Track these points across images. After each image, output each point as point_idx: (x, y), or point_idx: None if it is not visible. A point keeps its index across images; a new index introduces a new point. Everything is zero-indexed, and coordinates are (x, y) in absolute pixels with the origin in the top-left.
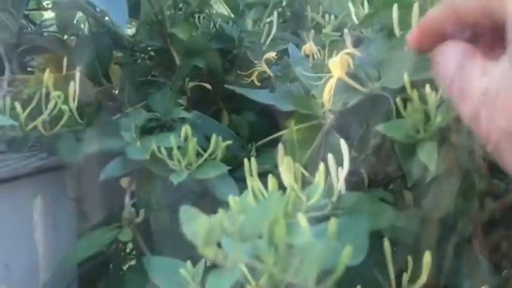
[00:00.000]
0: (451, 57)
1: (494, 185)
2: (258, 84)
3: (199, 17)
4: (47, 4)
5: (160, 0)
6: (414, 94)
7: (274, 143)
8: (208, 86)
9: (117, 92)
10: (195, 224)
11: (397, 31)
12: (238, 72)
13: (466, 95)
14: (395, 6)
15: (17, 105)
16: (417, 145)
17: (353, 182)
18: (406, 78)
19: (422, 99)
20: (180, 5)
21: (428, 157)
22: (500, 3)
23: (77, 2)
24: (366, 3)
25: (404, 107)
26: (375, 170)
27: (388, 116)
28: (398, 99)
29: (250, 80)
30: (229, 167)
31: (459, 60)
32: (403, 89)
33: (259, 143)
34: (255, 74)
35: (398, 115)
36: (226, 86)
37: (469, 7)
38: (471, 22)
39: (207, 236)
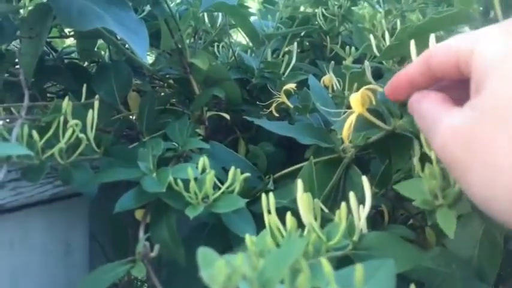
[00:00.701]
0: (425, 103)
1: None
2: (277, 115)
3: (218, 46)
4: (69, 32)
5: (180, 30)
6: (433, 154)
7: (292, 174)
8: (227, 116)
9: (135, 119)
10: (213, 268)
11: None
12: (257, 102)
13: (436, 132)
14: (412, 42)
15: (34, 133)
16: (436, 211)
17: (372, 218)
18: None
19: None
20: (200, 33)
21: (446, 224)
22: (467, 62)
23: (98, 30)
24: (386, 34)
25: (422, 167)
26: (394, 206)
27: (410, 155)
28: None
29: (268, 110)
30: (247, 200)
31: (432, 106)
32: None
33: (277, 174)
34: (274, 104)
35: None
36: (244, 117)
37: (442, 63)
38: (442, 75)
39: (225, 282)
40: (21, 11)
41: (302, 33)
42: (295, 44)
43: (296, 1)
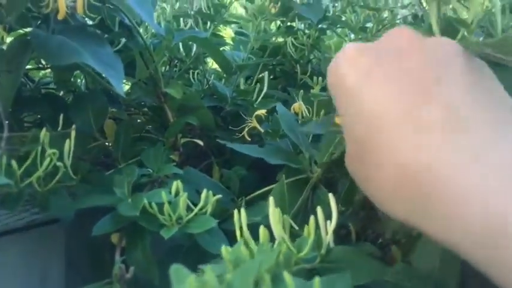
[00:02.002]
0: None
1: None
2: (249, 139)
3: (193, 73)
4: (46, 64)
5: (154, 62)
6: None
7: (264, 196)
8: (200, 143)
9: (111, 146)
10: (184, 284)
11: None
12: (229, 127)
13: None
14: None
15: (13, 163)
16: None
17: (341, 236)
18: None
19: None
20: (175, 61)
21: None
22: None
23: (74, 62)
24: None
25: None
26: (362, 224)
27: None
28: None
29: (241, 135)
30: (219, 220)
31: None
32: None
33: (249, 196)
34: (246, 129)
35: None
36: (218, 140)
37: None
38: None
39: None
40: None
41: (274, 62)
42: (266, 73)
43: (267, 33)
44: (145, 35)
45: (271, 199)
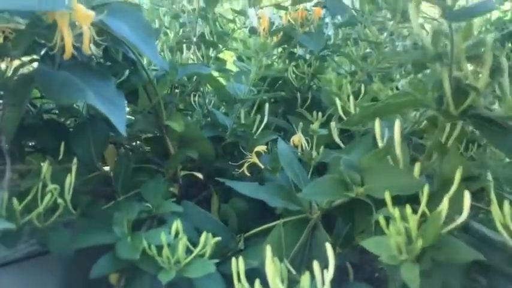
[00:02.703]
0: None
1: None
2: (249, 174)
3: (194, 95)
4: None
5: (157, 95)
6: (396, 213)
7: (264, 231)
8: (200, 176)
9: (111, 175)
10: None
11: (379, 143)
12: (229, 159)
13: None
14: (377, 121)
15: (15, 201)
16: (400, 265)
17: (338, 276)
18: (387, 196)
19: (405, 218)
20: (176, 85)
21: (411, 278)
22: None
23: None
24: (351, 99)
25: (387, 224)
26: (361, 261)
27: (371, 221)
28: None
29: (241, 170)
30: (218, 260)
31: None
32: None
33: (248, 233)
34: (246, 165)
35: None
36: (217, 178)
37: None
38: None
39: None
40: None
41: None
42: (267, 104)
43: (268, 66)
44: (149, 66)
45: (268, 248)
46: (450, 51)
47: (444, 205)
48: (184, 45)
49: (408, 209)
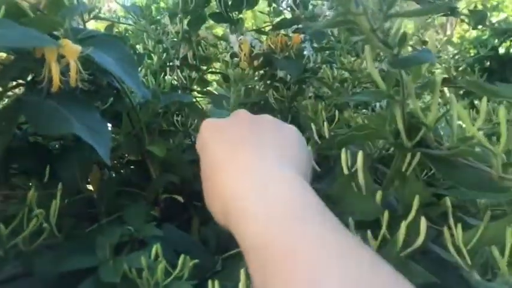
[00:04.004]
0: None
1: None
2: None
3: (177, 114)
4: None
5: (140, 121)
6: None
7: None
8: (180, 199)
9: (95, 197)
10: None
11: (345, 171)
12: None
13: None
14: (343, 152)
15: (1, 226)
16: None
17: None
18: (350, 221)
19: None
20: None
21: None
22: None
23: None
24: (326, 124)
25: None
26: None
27: None
28: None
29: None
30: (196, 282)
31: None
32: None
33: (225, 255)
34: None
35: None
36: (196, 202)
37: None
38: None
39: None
40: None
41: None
42: None
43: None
44: (132, 94)
45: (242, 272)
46: (401, 90)
47: (402, 230)
48: (167, 68)
49: (369, 233)
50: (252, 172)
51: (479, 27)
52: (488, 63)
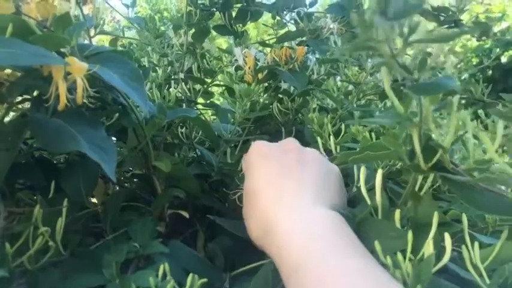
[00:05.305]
0: None
1: None
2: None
3: (182, 126)
4: None
5: (146, 137)
6: (388, 261)
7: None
8: (186, 215)
9: (100, 212)
10: None
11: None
12: (215, 197)
13: None
14: (362, 171)
15: (7, 246)
16: None
17: None
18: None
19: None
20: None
21: None
22: None
23: None
24: (332, 138)
25: None
26: None
27: None
28: None
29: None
30: None
31: None
32: None
33: (234, 272)
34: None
35: None
36: (208, 216)
37: None
38: None
39: None
40: None
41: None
42: (252, 143)
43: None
44: (138, 108)
45: None
46: (419, 113)
47: (429, 248)
48: (172, 81)
49: (399, 256)
50: (293, 209)
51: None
52: (490, 72)
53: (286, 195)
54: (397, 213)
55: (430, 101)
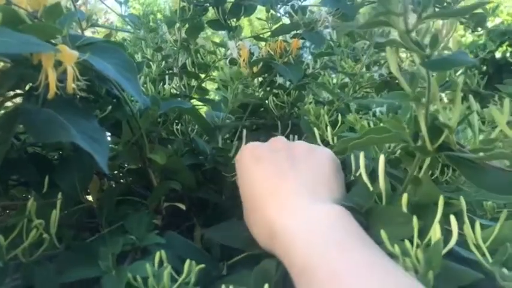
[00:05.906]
0: None
1: None
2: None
3: (177, 123)
4: None
5: (141, 129)
6: (396, 249)
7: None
8: (183, 207)
9: (95, 206)
10: None
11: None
12: (211, 187)
13: None
14: (362, 156)
15: (1, 237)
16: None
17: None
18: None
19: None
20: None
21: None
22: None
23: None
24: (329, 129)
25: None
26: None
27: None
28: None
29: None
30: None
31: None
32: None
33: (231, 261)
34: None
35: None
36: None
37: None
38: None
39: None
40: None
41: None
42: (244, 130)
43: (247, 92)
44: (132, 101)
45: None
46: (427, 93)
47: (437, 232)
48: (166, 77)
49: (407, 243)
50: (293, 210)
51: (475, 32)
52: (484, 67)
53: (285, 197)
54: (404, 198)
55: (438, 79)
